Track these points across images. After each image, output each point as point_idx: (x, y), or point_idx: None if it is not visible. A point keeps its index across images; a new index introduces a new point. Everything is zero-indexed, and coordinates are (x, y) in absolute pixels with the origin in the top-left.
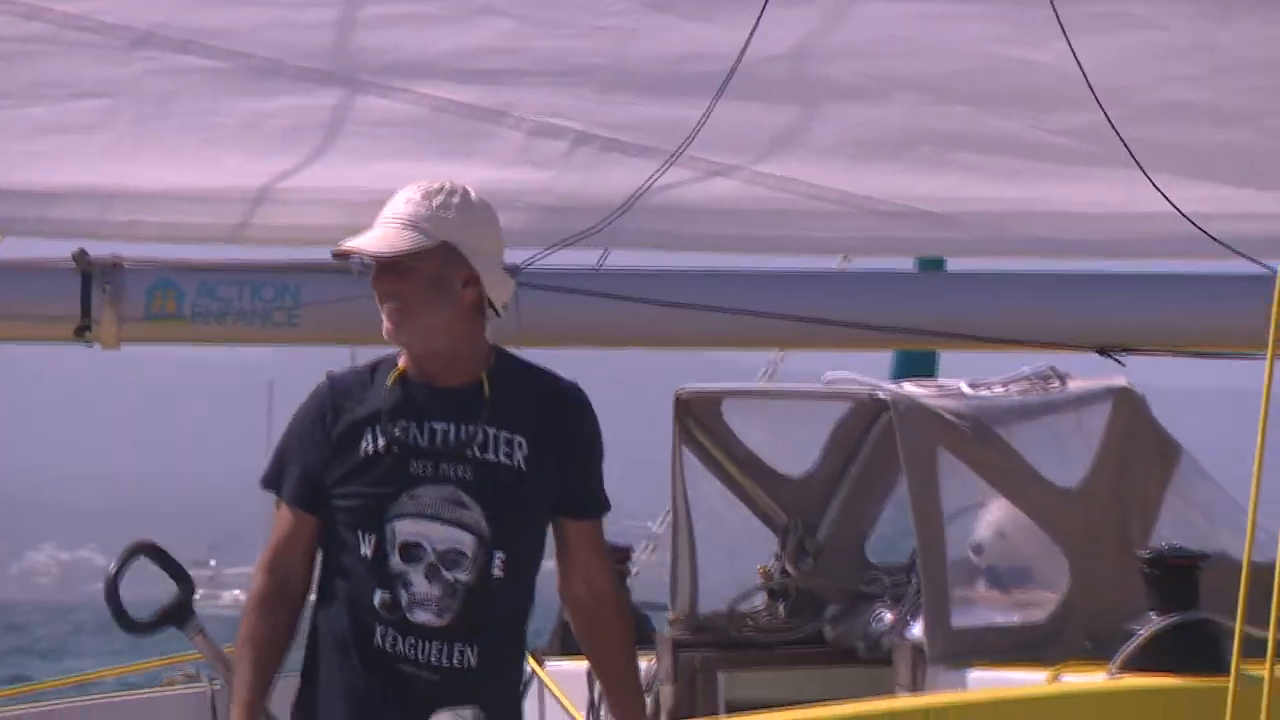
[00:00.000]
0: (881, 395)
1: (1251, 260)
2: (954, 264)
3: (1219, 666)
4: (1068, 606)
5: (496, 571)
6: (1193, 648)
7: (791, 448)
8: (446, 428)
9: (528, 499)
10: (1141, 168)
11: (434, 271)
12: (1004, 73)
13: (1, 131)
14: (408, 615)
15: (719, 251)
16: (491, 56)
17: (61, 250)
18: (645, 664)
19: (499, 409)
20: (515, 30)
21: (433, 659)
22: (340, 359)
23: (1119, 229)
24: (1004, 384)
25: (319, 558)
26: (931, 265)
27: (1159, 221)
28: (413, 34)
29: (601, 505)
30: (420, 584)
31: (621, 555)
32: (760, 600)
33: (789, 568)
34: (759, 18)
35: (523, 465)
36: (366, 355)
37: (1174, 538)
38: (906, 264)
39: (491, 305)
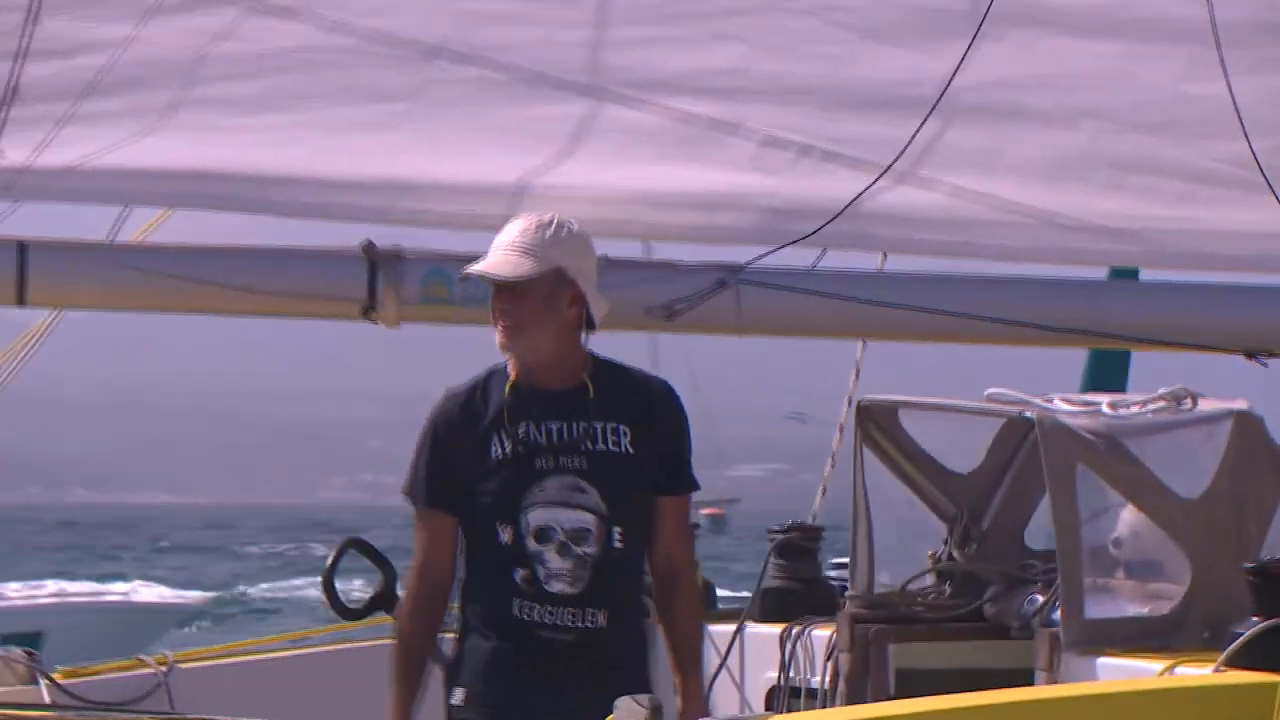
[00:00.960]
0: (1028, 414)
1: None
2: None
3: None
4: (1188, 603)
5: (616, 543)
6: None
7: (959, 449)
8: (560, 425)
9: (635, 479)
10: (1275, 192)
11: (545, 293)
12: (1174, 105)
13: (311, 129)
14: (545, 587)
15: (922, 255)
16: (726, 76)
17: (355, 232)
18: (827, 633)
19: (602, 404)
20: (747, 53)
21: (568, 622)
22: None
23: (1268, 247)
24: (1141, 403)
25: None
26: (1125, 274)
27: None
28: (658, 53)
29: (691, 483)
30: (554, 560)
31: (813, 534)
32: (929, 581)
33: (955, 553)
34: (967, 48)
35: (629, 449)
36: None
37: None
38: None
39: (590, 321)
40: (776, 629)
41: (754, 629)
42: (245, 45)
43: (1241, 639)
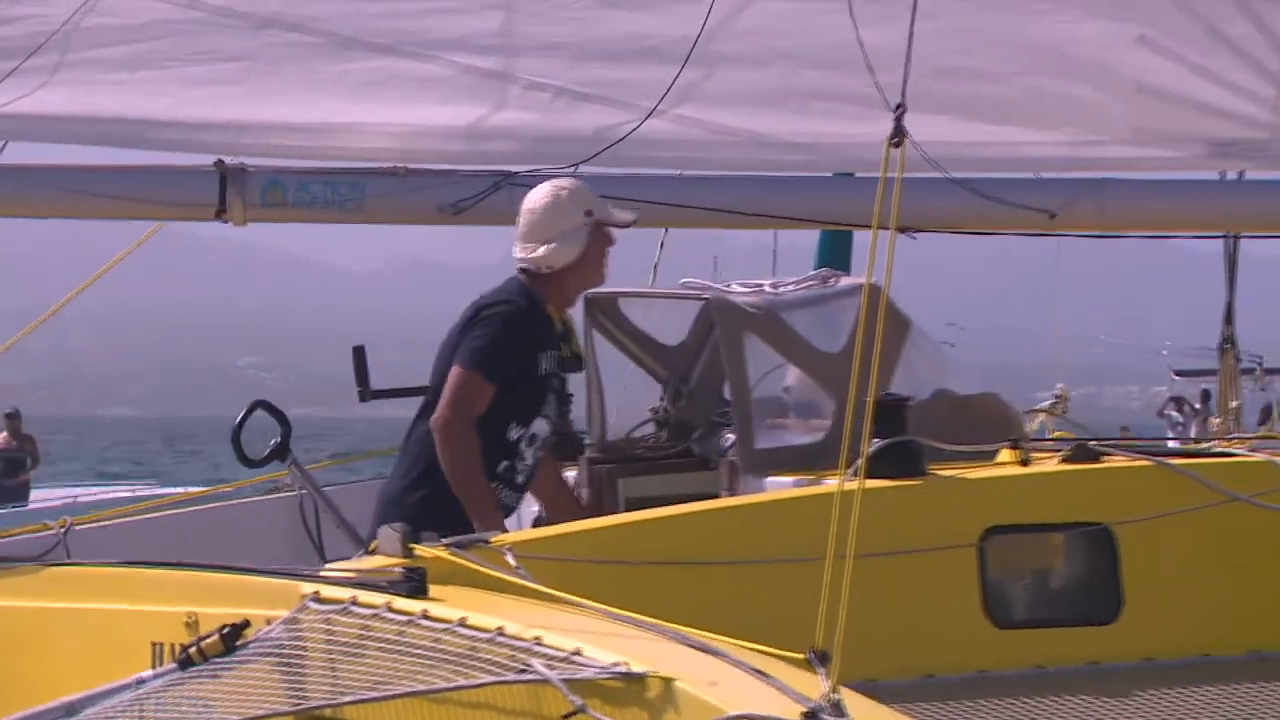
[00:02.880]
0: (706, 296)
1: (943, 172)
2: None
3: (918, 472)
4: (833, 434)
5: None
6: (900, 460)
7: (670, 326)
8: (557, 353)
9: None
10: (894, 111)
11: None
12: (844, 47)
13: (171, 83)
14: (516, 478)
15: (655, 168)
16: (496, 36)
17: (206, 160)
18: (571, 475)
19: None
20: (511, 17)
21: (512, 504)
22: (391, 233)
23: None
24: (795, 283)
25: None
26: (845, 175)
27: (961, 147)
28: (443, 20)
29: None
30: (528, 457)
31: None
32: (649, 429)
33: (669, 406)
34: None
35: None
36: (405, 231)
37: (903, 385)
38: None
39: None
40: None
41: None
42: (118, 19)
43: (866, 454)
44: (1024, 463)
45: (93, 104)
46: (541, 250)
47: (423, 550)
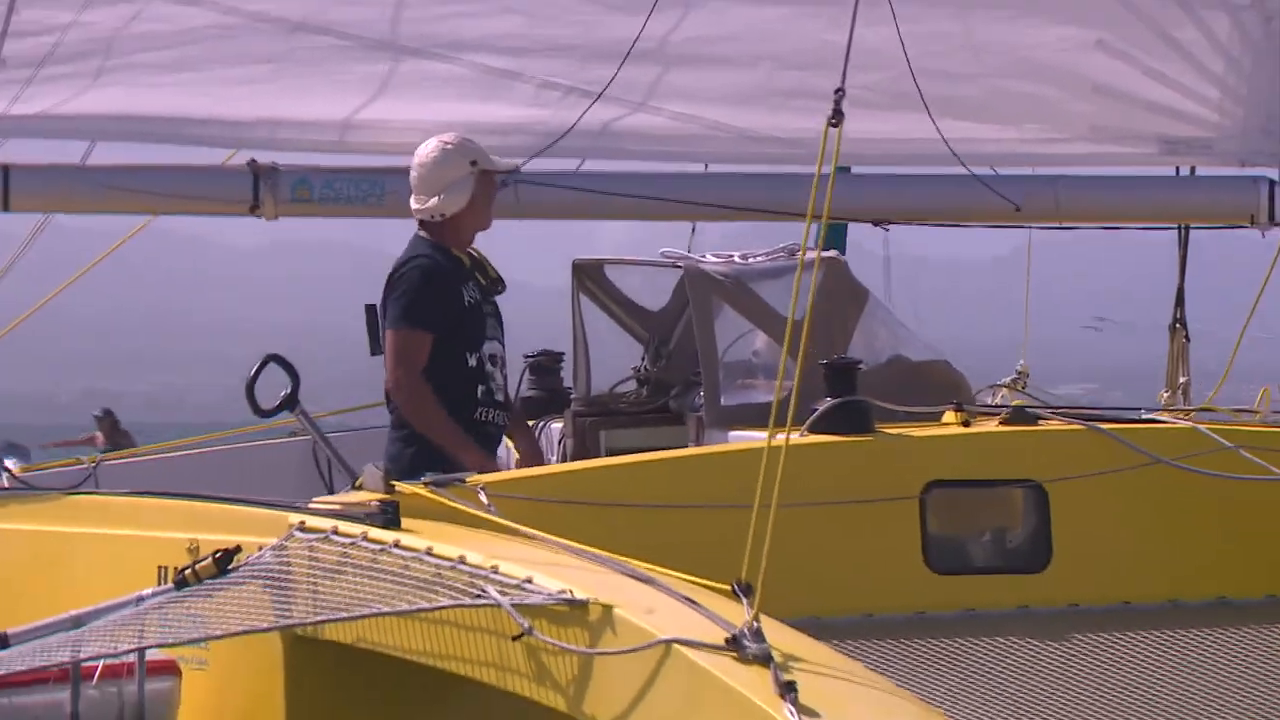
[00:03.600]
0: (680, 264)
1: (963, 166)
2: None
3: (866, 430)
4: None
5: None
6: (850, 418)
7: (653, 293)
8: (477, 283)
9: None
10: (928, 109)
11: None
12: (822, 48)
13: (212, 83)
14: (495, 397)
15: (650, 160)
16: (511, 38)
17: (241, 157)
18: (559, 426)
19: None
20: (525, 20)
21: (500, 421)
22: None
23: (900, 149)
24: (765, 254)
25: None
26: (842, 169)
27: (928, 144)
28: (463, 23)
29: None
30: (496, 377)
31: (556, 357)
32: (631, 386)
33: (649, 365)
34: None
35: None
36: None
37: (859, 350)
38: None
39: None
40: (529, 424)
41: None
42: (162, 25)
43: (818, 412)
44: (966, 424)
45: (137, 103)
46: (433, 200)
47: (402, 487)
